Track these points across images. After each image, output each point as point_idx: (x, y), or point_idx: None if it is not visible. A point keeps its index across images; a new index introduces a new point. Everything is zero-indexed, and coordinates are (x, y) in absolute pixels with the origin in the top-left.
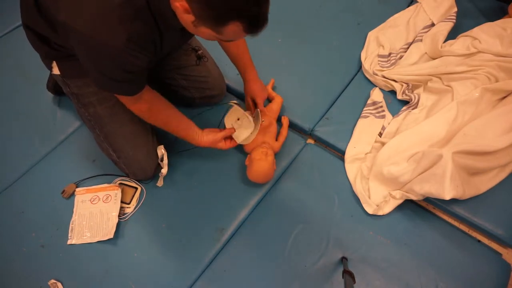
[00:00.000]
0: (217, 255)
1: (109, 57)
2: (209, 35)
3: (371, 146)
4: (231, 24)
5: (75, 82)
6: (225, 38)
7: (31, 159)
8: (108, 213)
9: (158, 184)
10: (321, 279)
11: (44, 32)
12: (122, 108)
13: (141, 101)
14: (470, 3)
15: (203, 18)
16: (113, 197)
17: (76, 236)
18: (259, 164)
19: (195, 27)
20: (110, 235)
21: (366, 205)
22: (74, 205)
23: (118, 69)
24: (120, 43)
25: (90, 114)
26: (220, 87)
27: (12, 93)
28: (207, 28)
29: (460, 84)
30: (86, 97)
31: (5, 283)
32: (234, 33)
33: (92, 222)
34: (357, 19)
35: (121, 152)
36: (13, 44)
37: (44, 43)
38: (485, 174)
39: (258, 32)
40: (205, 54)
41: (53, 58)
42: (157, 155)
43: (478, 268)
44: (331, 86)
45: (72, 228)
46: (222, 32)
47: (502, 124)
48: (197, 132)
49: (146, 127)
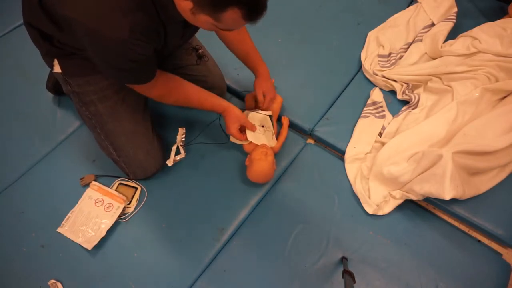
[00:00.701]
0: (217, 255)
1: (114, 49)
2: (208, 24)
3: (371, 146)
4: (230, 10)
5: (77, 80)
6: (224, 26)
7: (31, 159)
8: (101, 223)
9: (168, 163)
10: (321, 279)
11: (48, 29)
12: (123, 106)
13: (158, 86)
14: (470, 3)
15: (201, 5)
16: (114, 208)
17: (68, 227)
18: (259, 164)
19: (193, 15)
20: (89, 245)
21: (366, 205)
22: (82, 196)
23: (124, 59)
24: (123, 35)
25: (91, 113)
26: (220, 86)
27: (12, 93)
28: (205, 15)
29: (460, 84)
30: (87, 95)
31: (5, 283)
32: (233, 20)
33: (85, 223)
34: (357, 19)
35: (121, 151)
36: (13, 44)
37: (46, 41)
38: (485, 174)
39: (258, 19)
40: (206, 53)
41: (55, 56)
42: (157, 155)
43: (478, 268)
44: (331, 86)
45: (69, 217)
46: (220, 19)
47: (502, 124)
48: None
49: (147, 127)
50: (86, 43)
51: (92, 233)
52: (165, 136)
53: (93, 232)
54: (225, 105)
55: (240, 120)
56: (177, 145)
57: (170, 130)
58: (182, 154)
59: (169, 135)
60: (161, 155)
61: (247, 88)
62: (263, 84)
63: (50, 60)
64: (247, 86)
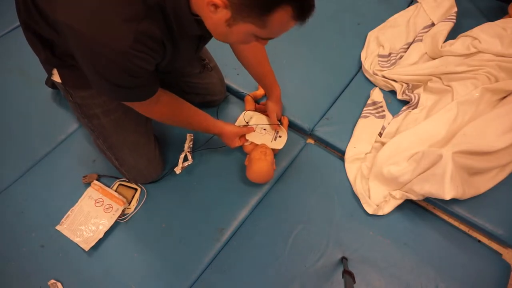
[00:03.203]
0: (217, 255)
1: (114, 61)
2: (247, 34)
3: (371, 146)
4: (280, 10)
5: (79, 92)
6: (267, 32)
7: (31, 159)
8: (99, 225)
9: (176, 171)
10: (321, 279)
11: (47, 34)
12: (127, 119)
13: (160, 104)
14: (470, 3)
15: (246, 10)
16: (114, 210)
17: (67, 225)
18: (258, 164)
19: (229, 26)
20: (86, 246)
21: (366, 205)
22: (83, 195)
23: (124, 73)
24: (126, 44)
25: (94, 125)
26: (220, 92)
27: (12, 93)
28: (247, 23)
29: (460, 84)
30: (90, 108)
31: (5, 283)
32: (281, 22)
33: (84, 223)
34: (357, 19)
35: (123, 160)
36: (13, 44)
37: (46, 48)
38: (485, 174)
39: (307, 18)
40: (210, 62)
41: (54, 66)
42: (158, 164)
43: (478, 268)
44: (331, 86)
45: (69, 216)
46: (266, 24)
47: (502, 124)
48: (219, 122)
49: (149, 137)
50: (79, 53)
51: (90, 233)
52: (172, 142)
53: (91, 233)
54: (220, 125)
55: (238, 134)
56: (185, 152)
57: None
58: (190, 160)
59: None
60: (161, 164)
61: (247, 88)
62: (276, 108)
63: (49, 68)
64: (247, 86)
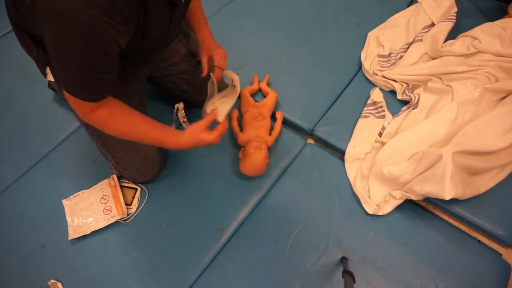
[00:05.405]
0: (217, 255)
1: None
2: None
3: (371, 146)
4: None
5: None
6: None
7: (31, 159)
8: (93, 221)
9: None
10: (321, 279)
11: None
12: None
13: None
14: (470, 3)
15: None
16: (110, 215)
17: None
18: (252, 157)
19: None
20: (71, 234)
21: (366, 205)
22: (99, 184)
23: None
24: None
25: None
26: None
27: (12, 93)
28: None
29: (460, 84)
30: None
31: (5, 283)
32: None
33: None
34: (357, 19)
35: (119, 158)
36: (13, 44)
37: (38, 45)
38: (485, 174)
39: None
40: None
41: (46, 63)
42: (155, 162)
43: (478, 268)
44: (331, 86)
45: (78, 195)
46: None
47: (502, 124)
48: (174, 131)
49: None
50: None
51: (83, 226)
52: None
53: (83, 225)
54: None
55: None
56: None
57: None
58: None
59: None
60: (159, 162)
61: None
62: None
63: (42, 68)
64: (247, 86)
